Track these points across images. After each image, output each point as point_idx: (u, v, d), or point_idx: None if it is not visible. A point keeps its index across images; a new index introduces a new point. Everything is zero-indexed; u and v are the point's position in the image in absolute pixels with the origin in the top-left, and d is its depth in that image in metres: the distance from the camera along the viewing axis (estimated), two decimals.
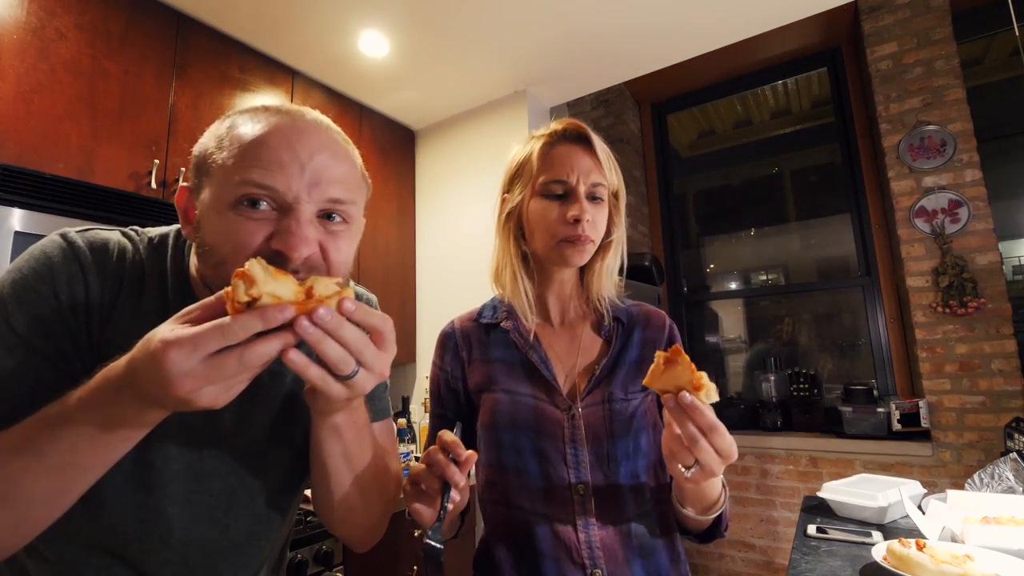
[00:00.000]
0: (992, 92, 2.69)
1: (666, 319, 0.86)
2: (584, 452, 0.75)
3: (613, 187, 0.83)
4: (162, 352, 0.38)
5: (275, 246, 0.50)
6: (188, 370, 0.38)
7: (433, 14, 1.85)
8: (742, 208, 3.40)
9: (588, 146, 0.80)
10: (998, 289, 2.17)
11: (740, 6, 1.90)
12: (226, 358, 0.40)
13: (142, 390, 0.40)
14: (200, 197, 0.54)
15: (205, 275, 0.55)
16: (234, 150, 0.52)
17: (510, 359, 0.82)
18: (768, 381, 2.77)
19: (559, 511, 0.74)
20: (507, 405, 0.78)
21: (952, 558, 0.97)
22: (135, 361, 0.40)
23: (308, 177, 0.52)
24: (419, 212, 2.64)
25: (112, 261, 0.56)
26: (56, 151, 1.41)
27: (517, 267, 0.84)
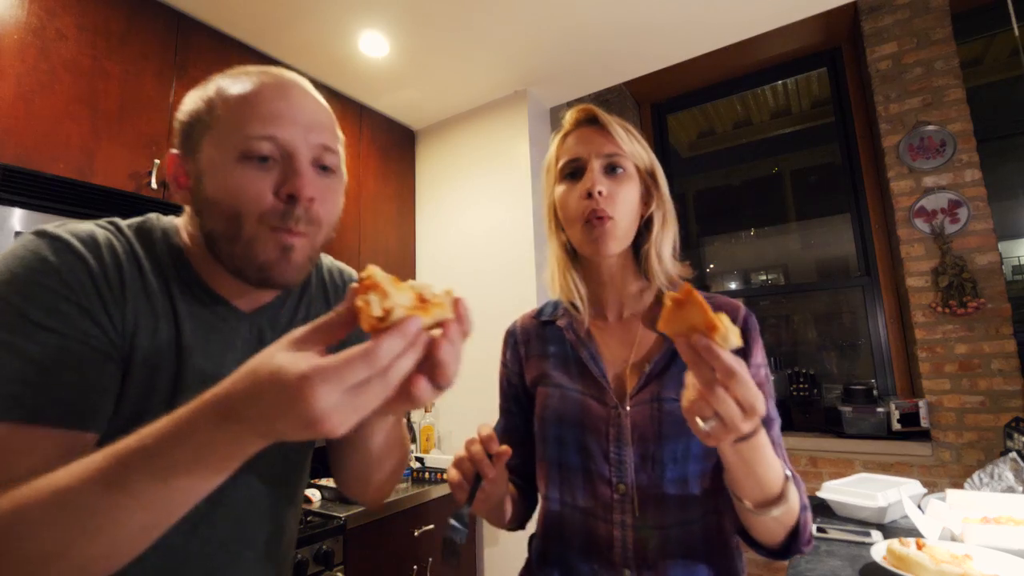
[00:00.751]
0: (992, 92, 2.70)
1: (740, 309, 0.79)
2: (628, 452, 0.72)
3: (642, 162, 0.80)
4: (305, 388, 0.34)
5: (286, 191, 0.54)
6: (335, 405, 0.35)
7: (433, 14, 1.85)
8: (742, 208, 3.40)
9: (598, 125, 0.79)
10: (998, 289, 2.17)
11: (740, 6, 1.90)
12: (371, 386, 0.36)
13: (258, 425, 0.37)
14: (197, 157, 0.56)
15: (212, 231, 0.55)
16: (229, 108, 0.55)
17: (563, 355, 0.82)
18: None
19: (598, 509, 0.73)
20: (556, 400, 0.79)
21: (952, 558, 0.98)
22: (249, 393, 0.36)
23: (302, 124, 0.56)
24: (419, 212, 2.64)
25: (103, 247, 0.54)
26: (56, 151, 1.41)
27: (564, 262, 0.84)
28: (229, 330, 0.61)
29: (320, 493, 1.84)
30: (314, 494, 1.81)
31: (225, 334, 0.60)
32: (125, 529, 0.40)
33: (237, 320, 0.62)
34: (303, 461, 0.71)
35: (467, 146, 2.52)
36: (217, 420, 0.37)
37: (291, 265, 0.56)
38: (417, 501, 1.88)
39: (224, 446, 0.38)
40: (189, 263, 0.59)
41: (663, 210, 0.81)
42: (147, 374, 0.54)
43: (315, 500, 1.79)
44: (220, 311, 0.60)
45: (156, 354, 0.55)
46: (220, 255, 0.56)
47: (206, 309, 0.59)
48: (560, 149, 0.82)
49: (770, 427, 0.71)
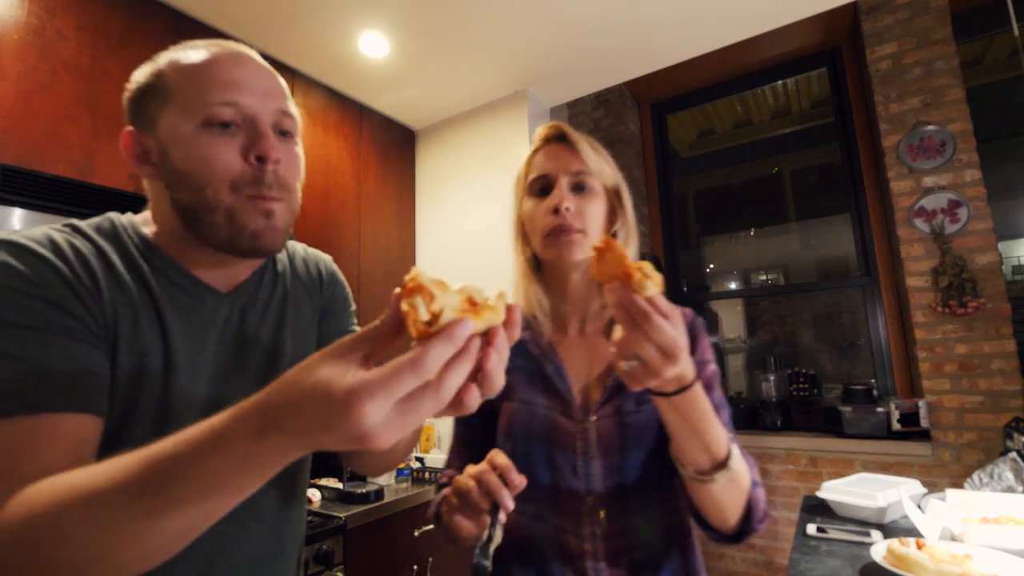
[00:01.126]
0: (992, 92, 2.70)
1: (688, 313, 0.81)
2: (596, 464, 0.74)
3: (609, 181, 0.83)
4: (353, 403, 0.32)
5: (254, 154, 0.55)
6: (384, 420, 0.33)
7: (433, 14, 1.85)
8: (742, 208, 3.40)
9: (567, 143, 0.81)
10: (998, 289, 2.17)
11: (740, 6, 1.90)
12: (422, 399, 0.34)
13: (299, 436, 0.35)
14: (156, 131, 0.56)
15: (188, 204, 0.56)
16: (186, 77, 0.55)
17: (528, 368, 0.83)
18: (768, 381, 2.77)
19: (567, 522, 0.74)
20: (523, 416, 0.79)
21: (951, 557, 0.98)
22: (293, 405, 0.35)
23: (260, 91, 0.57)
24: (419, 212, 2.64)
25: (62, 246, 0.53)
26: (57, 151, 1.41)
27: (528, 275, 0.85)
28: (208, 311, 0.61)
29: (320, 493, 1.84)
30: (314, 494, 1.81)
31: (205, 315, 0.61)
32: (163, 534, 0.39)
33: (216, 300, 0.62)
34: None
35: (467, 146, 2.52)
36: (257, 431, 0.36)
37: (276, 231, 0.58)
38: (417, 501, 1.88)
39: (263, 456, 0.37)
40: (160, 250, 0.60)
41: (626, 228, 0.83)
42: (135, 360, 0.54)
43: (315, 500, 1.79)
44: (198, 293, 0.61)
45: (140, 340, 0.55)
46: (202, 228, 0.56)
47: (184, 292, 0.60)
48: (529, 165, 0.84)
49: (721, 412, 0.72)
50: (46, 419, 0.47)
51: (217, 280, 0.63)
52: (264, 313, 0.67)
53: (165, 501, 0.38)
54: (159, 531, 0.39)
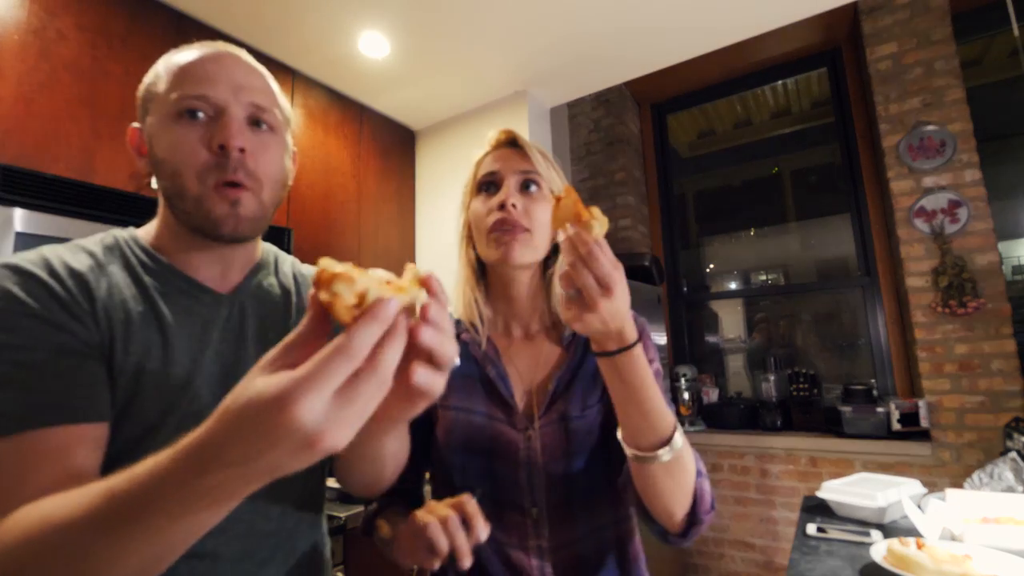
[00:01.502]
0: (992, 92, 2.70)
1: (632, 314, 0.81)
2: (539, 474, 0.72)
3: (557, 188, 0.80)
4: (286, 404, 0.30)
5: (216, 142, 0.57)
6: (325, 416, 0.31)
7: (433, 15, 1.85)
8: (742, 208, 3.40)
9: (517, 147, 0.81)
10: (998, 289, 2.17)
11: (740, 6, 1.90)
12: (362, 384, 0.32)
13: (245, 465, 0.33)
14: (147, 123, 0.61)
15: (166, 191, 0.59)
16: (170, 76, 0.59)
17: (468, 373, 0.79)
18: (768, 381, 2.77)
19: (511, 537, 0.72)
20: (462, 425, 0.76)
21: (951, 558, 0.98)
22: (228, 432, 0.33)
23: (233, 85, 0.59)
24: (419, 212, 2.64)
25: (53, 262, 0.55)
26: (57, 151, 1.41)
27: (468, 275, 0.83)
28: (208, 311, 0.62)
29: None
30: None
31: (204, 315, 0.62)
32: (139, 558, 0.38)
33: (215, 301, 0.63)
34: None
35: (467, 146, 2.51)
36: (197, 470, 0.34)
37: (240, 218, 0.59)
38: None
39: (211, 492, 0.34)
40: (159, 256, 0.62)
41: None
42: (134, 361, 0.55)
43: None
44: (196, 294, 0.62)
45: (139, 342, 0.56)
46: (178, 214, 0.60)
47: (182, 294, 0.61)
48: (478, 167, 0.84)
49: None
50: (40, 434, 0.47)
51: (215, 281, 0.64)
52: (265, 312, 0.67)
53: (120, 539, 0.37)
54: (132, 556, 0.38)
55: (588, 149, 3.38)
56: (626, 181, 3.21)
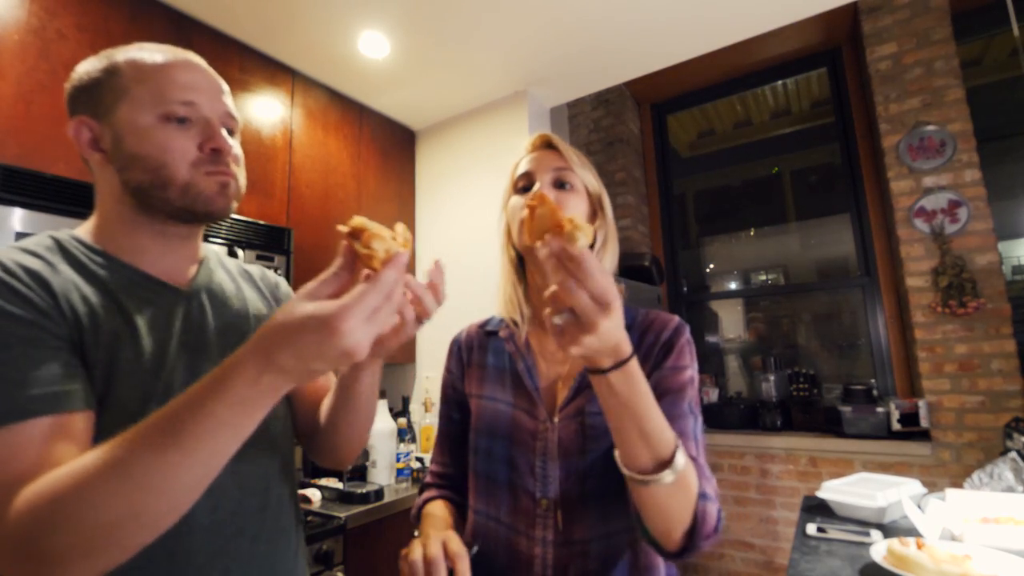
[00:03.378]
0: (992, 92, 2.70)
1: (671, 323, 0.79)
2: (554, 466, 0.73)
3: (592, 186, 0.84)
4: (337, 323, 0.41)
5: (210, 146, 0.63)
6: (363, 333, 0.43)
7: (433, 15, 1.85)
8: (742, 208, 3.40)
9: (551, 147, 0.83)
10: (997, 289, 2.17)
11: (740, 6, 1.90)
12: (383, 310, 0.45)
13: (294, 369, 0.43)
14: (112, 120, 0.62)
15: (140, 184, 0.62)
16: (145, 76, 0.62)
17: (501, 366, 0.84)
18: (768, 381, 2.77)
19: (521, 523, 0.74)
20: (488, 412, 0.81)
21: (951, 558, 0.98)
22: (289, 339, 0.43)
23: (211, 94, 0.66)
24: (419, 212, 2.64)
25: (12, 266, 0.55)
26: (57, 151, 1.41)
27: (511, 277, 0.86)
28: (167, 303, 0.65)
29: (320, 493, 1.84)
30: (314, 494, 1.81)
31: (164, 307, 0.65)
32: (183, 483, 0.45)
33: (174, 295, 0.66)
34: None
35: (467, 146, 2.52)
36: (255, 374, 0.43)
37: (227, 198, 0.66)
38: None
39: (263, 393, 0.44)
40: (108, 253, 0.64)
41: (606, 231, 0.84)
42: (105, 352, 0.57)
43: (315, 500, 1.80)
44: (154, 287, 0.65)
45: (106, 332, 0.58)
46: (152, 202, 0.63)
47: (140, 287, 0.64)
48: (515, 170, 0.86)
49: (683, 420, 0.70)
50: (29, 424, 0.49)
51: (168, 275, 0.67)
52: (221, 303, 0.71)
53: (181, 452, 0.43)
54: (180, 481, 0.44)
55: (588, 149, 3.37)
56: (626, 181, 3.21)
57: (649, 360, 0.76)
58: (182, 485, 0.45)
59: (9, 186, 1.26)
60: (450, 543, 0.64)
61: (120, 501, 0.43)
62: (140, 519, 0.44)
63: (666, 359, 0.75)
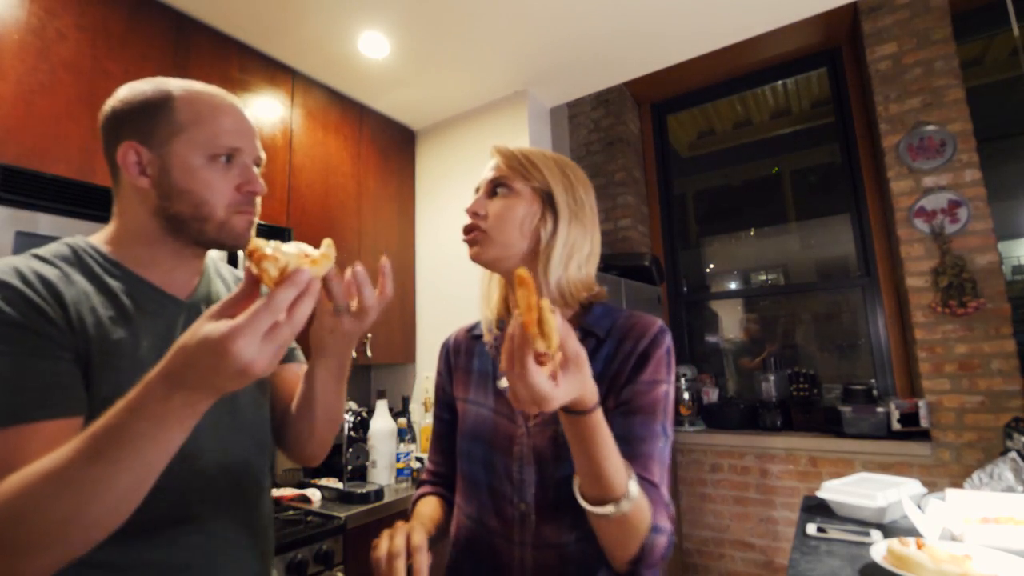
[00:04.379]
0: (992, 92, 2.70)
1: (651, 328, 0.76)
2: (530, 472, 0.74)
3: (538, 183, 0.80)
4: (228, 343, 0.43)
5: (247, 189, 0.70)
6: (255, 352, 0.44)
7: (433, 15, 1.85)
8: (742, 208, 3.40)
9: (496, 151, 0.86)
10: (997, 289, 2.17)
11: (740, 6, 1.90)
12: (281, 329, 0.46)
13: (200, 387, 0.46)
14: (164, 152, 0.67)
15: (180, 214, 0.67)
16: (197, 117, 0.68)
17: (484, 371, 0.85)
18: (768, 381, 2.77)
19: (500, 527, 0.75)
20: (472, 416, 0.82)
21: (951, 558, 0.98)
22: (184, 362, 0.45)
23: (251, 139, 0.72)
24: (419, 212, 2.64)
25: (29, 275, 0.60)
26: (57, 151, 1.41)
27: (485, 278, 0.89)
28: (171, 315, 0.70)
29: (320, 493, 1.84)
30: (314, 494, 1.81)
31: (168, 319, 0.70)
32: (115, 491, 0.48)
33: (177, 306, 0.72)
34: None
35: (467, 146, 2.51)
36: (165, 392, 0.46)
37: (250, 233, 0.73)
38: None
39: (177, 410, 0.46)
40: (121, 264, 0.69)
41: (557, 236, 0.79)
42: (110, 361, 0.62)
43: (315, 500, 1.79)
44: (160, 299, 0.70)
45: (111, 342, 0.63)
46: (188, 231, 0.69)
47: (148, 299, 0.69)
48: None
49: (649, 441, 0.70)
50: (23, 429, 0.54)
51: (174, 287, 0.72)
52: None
53: (107, 463, 0.46)
54: (112, 489, 0.48)
55: (588, 149, 3.38)
56: (626, 181, 3.21)
57: (624, 371, 0.74)
58: (114, 493, 0.48)
59: (9, 186, 1.26)
60: (413, 535, 0.65)
61: (61, 505, 0.47)
62: (81, 521, 0.48)
63: (641, 372, 0.73)
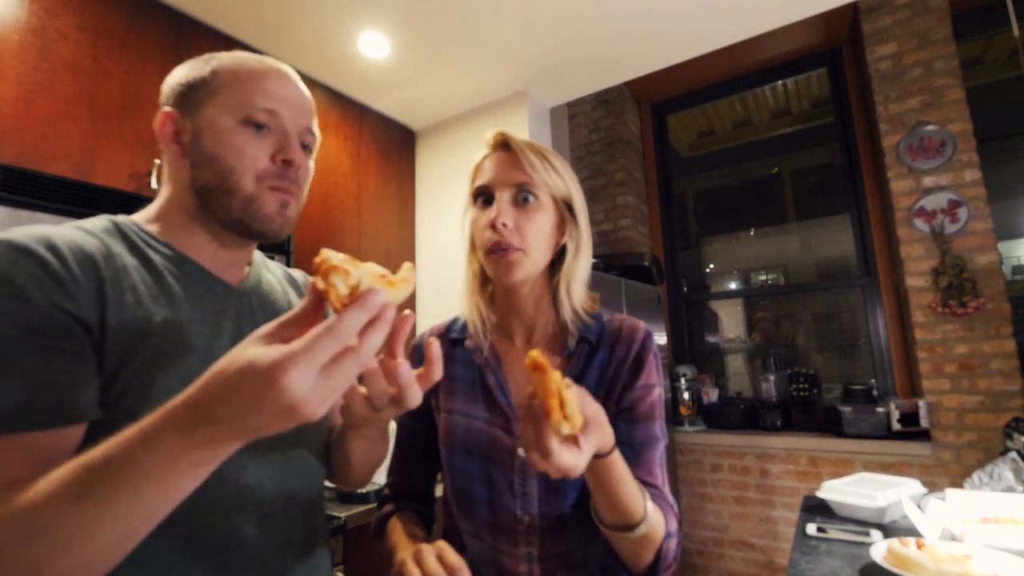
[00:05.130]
0: (992, 92, 2.70)
1: (639, 332, 0.77)
2: (533, 483, 0.72)
3: (559, 192, 0.77)
4: (279, 374, 0.34)
5: (282, 157, 0.62)
6: (309, 388, 0.34)
7: (433, 15, 1.85)
8: (742, 208, 3.40)
9: (510, 151, 0.77)
10: (997, 289, 2.17)
11: (740, 7, 1.90)
12: (345, 362, 0.36)
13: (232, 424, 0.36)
14: (197, 116, 0.61)
15: (208, 184, 0.61)
16: (237, 79, 0.62)
17: (470, 378, 0.80)
18: (768, 381, 2.77)
19: (503, 542, 0.72)
20: (462, 429, 0.77)
21: (951, 558, 0.98)
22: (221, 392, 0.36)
23: (296, 107, 0.65)
24: (419, 212, 2.64)
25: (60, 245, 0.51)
26: (57, 151, 1.41)
27: (475, 286, 0.83)
28: (220, 300, 0.63)
29: None
30: None
31: (216, 304, 0.63)
32: (97, 542, 0.38)
33: (227, 292, 0.65)
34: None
35: (467, 146, 2.51)
36: (188, 426, 0.36)
37: (285, 218, 0.64)
38: None
39: (195, 451, 0.37)
40: (168, 244, 0.62)
41: (577, 240, 0.78)
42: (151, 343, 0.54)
43: None
44: (209, 283, 0.63)
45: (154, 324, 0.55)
46: (215, 208, 0.61)
47: (196, 281, 0.62)
48: (475, 173, 0.81)
49: (652, 447, 0.72)
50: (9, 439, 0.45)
51: (223, 271, 0.65)
52: (270, 304, 0.70)
53: (96, 504, 0.37)
54: (94, 538, 0.38)
55: (588, 149, 3.37)
56: (626, 181, 3.21)
57: (620, 377, 0.74)
58: (95, 543, 0.38)
59: (9, 186, 1.26)
60: (446, 555, 0.59)
61: (25, 551, 0.38)
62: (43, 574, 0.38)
63: (637, 377, 0.74)
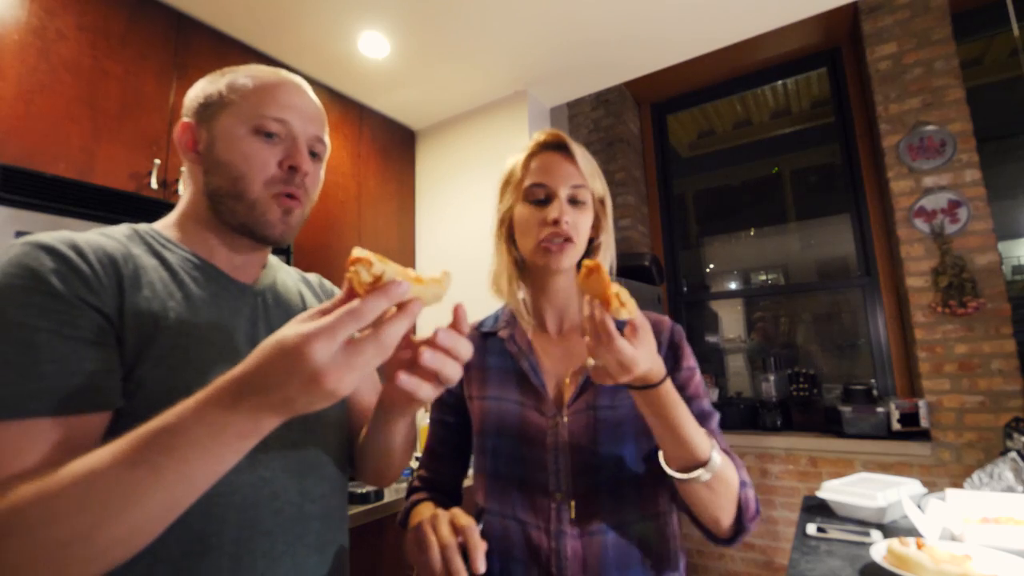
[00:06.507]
0: (992, 92, 2.70)
1: (668, 323, 0.84)
2: (566, 460, 0.75)
3: (597, 193, 0.84)
4: (303, 345, 0.39)
5: (288, 163, 0.65)
6: (331, 359, 0.39)
7: (433, 15, 1.85)
8: (742, 208, 3.40)
9: (568, 153, 0.82)
10: (997, 289, 2.17)
11: (740, 7, 1.90)
12: (364, 343, 0.41)
13: (270, 395, 0.40)
14: (212, 125, 0.65)
15: (219, 189, 0.64)
16: (250, 91, 0.65)
17: (503, 367, 0.84)
18: (768, 381, 2.77)
19: (536, 518, 0.74)
20: (495, 411, 0.81)
21: (951, 558, 0.98)
22: (258, 366, 0.41)
23: (305, 117, 0.68)
24: (419, 212, 2.64)
25: (83, 246, 0.55)
26: (57, 151, 1.41)
27: (512, 273, 0.87)
28: (234, 299, 0.66)
29: None
30: None
31: (231, 303, 0.66)
32: (147, 508, 0.42)
33: (241, 291, 0.68)
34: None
35: (467, 146, 2.52)
36: (232, 399, 0.41)
37: (288, 225, 0.67)
38: None
39: (239, 422, 0.41)
40: (186, 248, 0.66)
41: (606, 237, 0.86)
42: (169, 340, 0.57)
43: None
44: (224, 283, 0.67)
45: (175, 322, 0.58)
46: (222, 211, 0.65)
47: (211, 281, 0.65)
48: (526, 170, 0.83)
49: (708, 420, 0.76)
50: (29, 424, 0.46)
51: (238, 272, 0.69)
52: (284, 304, 0.73)
53: (150, 471, 0.41)
54: (145, 505, 0.41)
55: (588, 149, 3.37)
56: (626, 181, 3.21)
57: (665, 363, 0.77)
58: (142, 512, 0.41)
59: (9, 186, 1.26)
60: (457, 519, 0.62)
61: (77, 517, 0.40)
62: (91, 542, 0.41)
63: (679, 361, 0.80)
